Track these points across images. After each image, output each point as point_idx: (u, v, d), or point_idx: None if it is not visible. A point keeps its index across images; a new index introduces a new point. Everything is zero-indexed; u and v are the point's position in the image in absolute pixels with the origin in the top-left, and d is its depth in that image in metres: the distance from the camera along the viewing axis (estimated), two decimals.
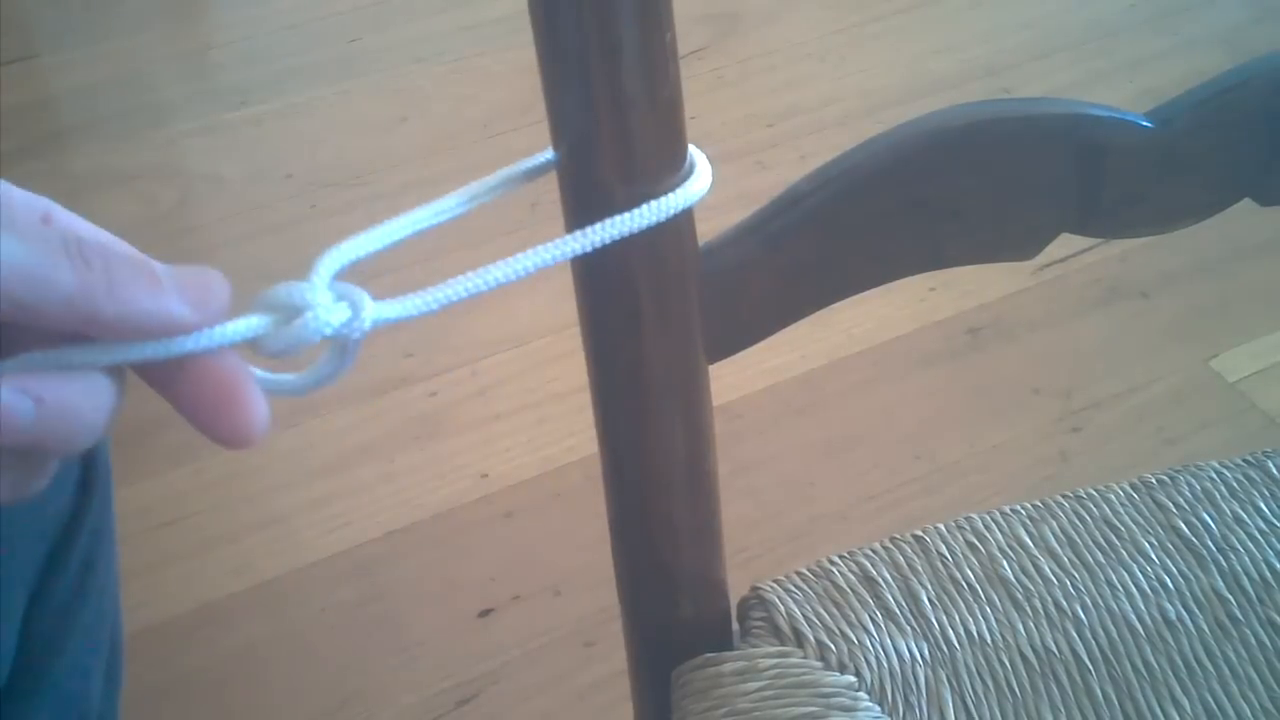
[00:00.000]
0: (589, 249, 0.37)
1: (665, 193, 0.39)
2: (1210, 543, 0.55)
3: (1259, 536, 0.55)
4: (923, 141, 0.45)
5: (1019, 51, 1.65)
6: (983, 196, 0.46)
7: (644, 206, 0.38)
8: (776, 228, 0.45)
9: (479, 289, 0.35)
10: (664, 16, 0.37)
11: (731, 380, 1.23)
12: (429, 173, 1.51)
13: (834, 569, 0.54)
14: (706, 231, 0.44)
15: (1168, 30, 1.66)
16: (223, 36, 1.81)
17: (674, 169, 0.40)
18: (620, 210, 0.38)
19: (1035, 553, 0.55)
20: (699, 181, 0.40)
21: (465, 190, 0.37)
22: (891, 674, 0.51)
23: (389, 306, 0.33)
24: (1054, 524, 0.56)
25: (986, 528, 0.56)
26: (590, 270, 0.43)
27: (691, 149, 0.41)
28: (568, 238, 0.37)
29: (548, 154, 0.40)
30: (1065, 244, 0.47)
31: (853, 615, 0.53)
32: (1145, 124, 0.46)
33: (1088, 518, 0.56)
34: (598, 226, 0.37)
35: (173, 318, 0.30)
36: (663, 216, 0.38)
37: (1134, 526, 0.55)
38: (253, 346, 0.32)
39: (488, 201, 0.38)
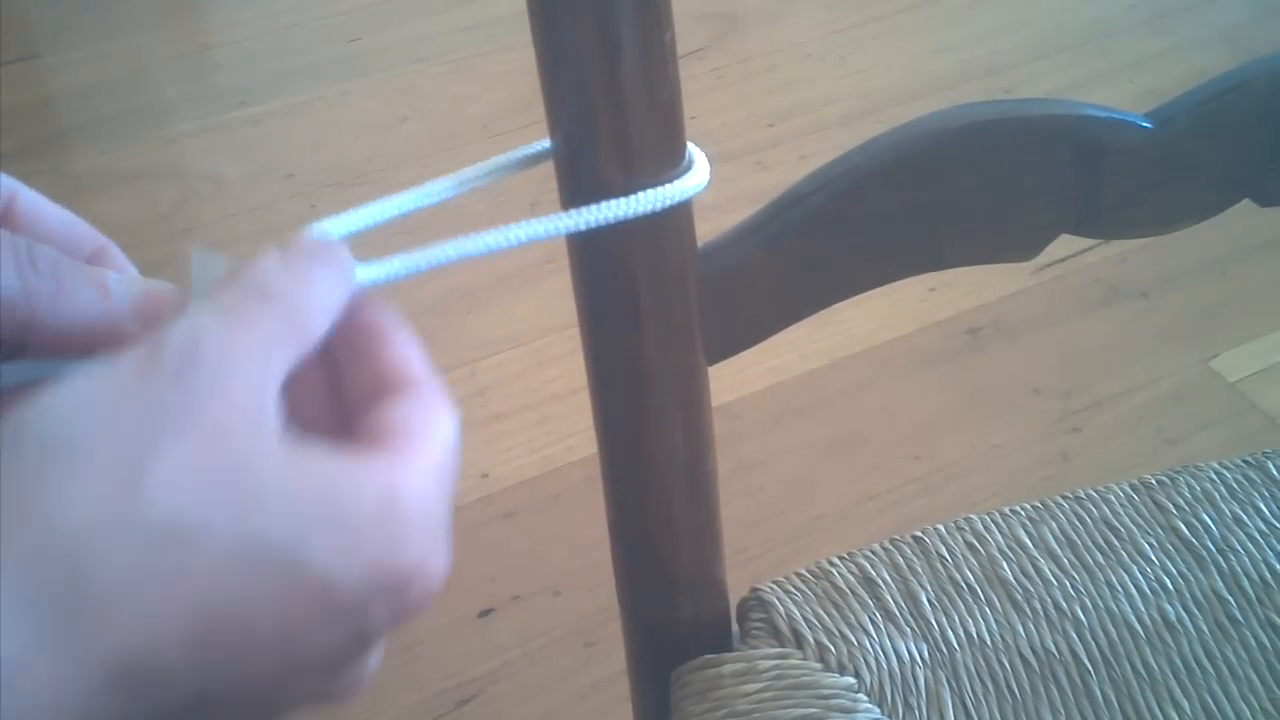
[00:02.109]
0: (580, 228, 0.37)
1: (662, 185, 0.39)
2: (1210, 544, 0.55)
3: (1259, 537, 0.55)
4: (923, 141, 0.45)
5: (1019, 51, 1.65)
6: (983, 196, 0.46)
7: (640, 194, 0.38)
8: (776, 228, 0.45)
9: (466, 253, 0.34)
10: (663, 16, 0.37)
11: (731, 380, 1.23)
12: (429, 173, 1.49)
13: (834, 570, 0.54)
14: (706, 231, 0.44)
15: (1168, 30, 1.65)
16: (222, 36, 1.81)
17: (672, 164, 0.40)
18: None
19: (1035, 554, 0.55)
20: (696, 176, 0.40)
21: (458, 175, 0.37)
22: (891, 675, 0.51)
23: (374, 268, 0.33)
24: (1054, 525, 0.56)
25: (986, 528, 0.56)
26: (590, 270, 0.43)
27: (690, 147, 0.41)
28: (560, 214, 0.37)
29: (544, 143, 0.40)
30: (1065, 244, 0.47)
31: (852, 616, 0.53)
32: (1145, 124, 0.46)
33: (1088, 518, 0.56)
34: (591, 208, 0.37)
35: (119, 331, 0.29)
36: (659, 206, 0.38)
37: (1134, 527, 0.55)
38: None
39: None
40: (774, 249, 0.45)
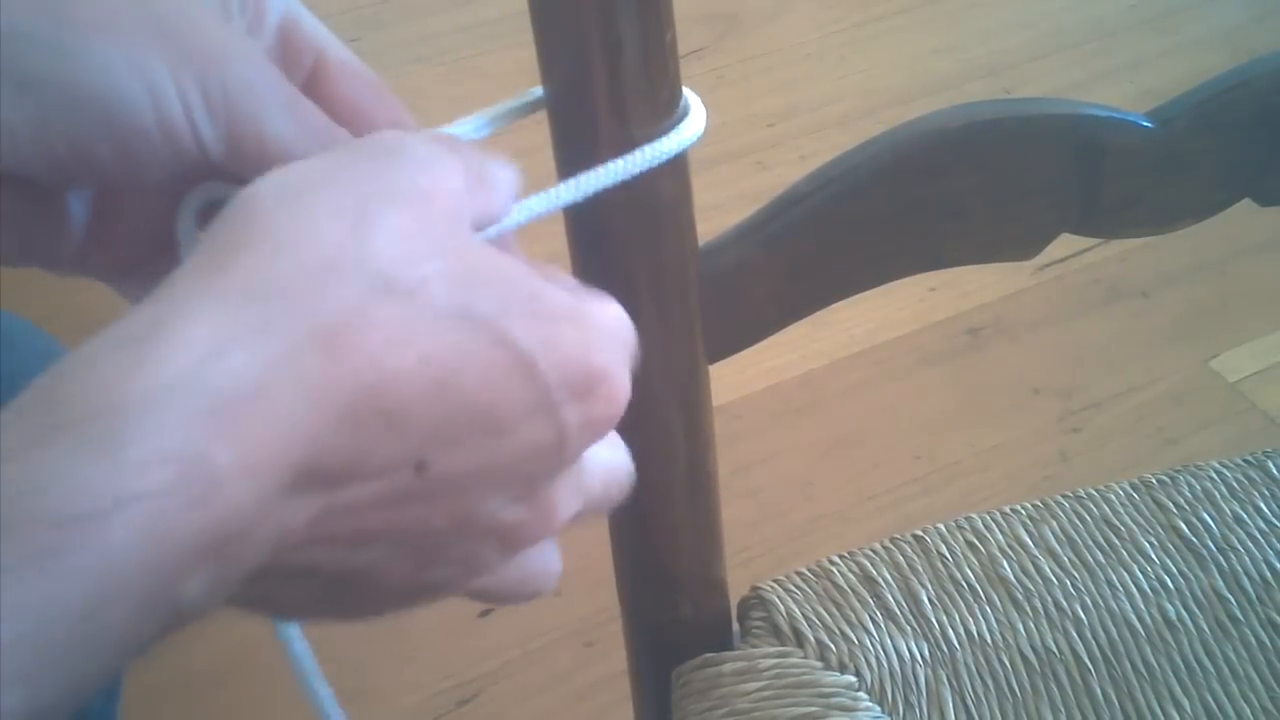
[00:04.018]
0: (622, 177, 0.36)
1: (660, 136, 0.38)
2: (1210, 543, 0.55)
3: (1259, 536, 0.55)
4: (923, 141, 0.45)
5: (1019, 51, 1.65)
6: (983, 196, 0.46)
7: (647, 147, 0.37)
8: (776, 228, 0.45)
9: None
10: (664, 16, 0.37)
11: (731, 380, 1.23)
12: None
13: (834, 569, 0.54)
14: (706, 231, 0.44)
15: (1168, 30, 1.65)
16: None
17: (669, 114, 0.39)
18: (610, 155, 0.37)
19: (1035, 553, 0.55)
20: (694, 122, 0.39)
21: (456, 126, 0.37)
22: (891, 674, 0.51)
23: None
24: (1054, 524, 0.56)
25: (986, 528, 0.56)
26: (590, 270, 0.43)
27: (687, 92, 0.40)
28: (600, 169, 0.36)
29: (536, 91, 0.39)
30: (1065, 244, 0.47)
31: (853, 615, 0.53)
32: (1145, 124, 0.46)
33: (1088, 518, 0.56)
34: (619, 162, 0.36)
35: None
36: (679, 148, 0.38)
37: (1134, 526, 0.55)
38: None
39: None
40: (774, 249, 0.45)
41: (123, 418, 0.23)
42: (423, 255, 0.27)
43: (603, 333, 0.30)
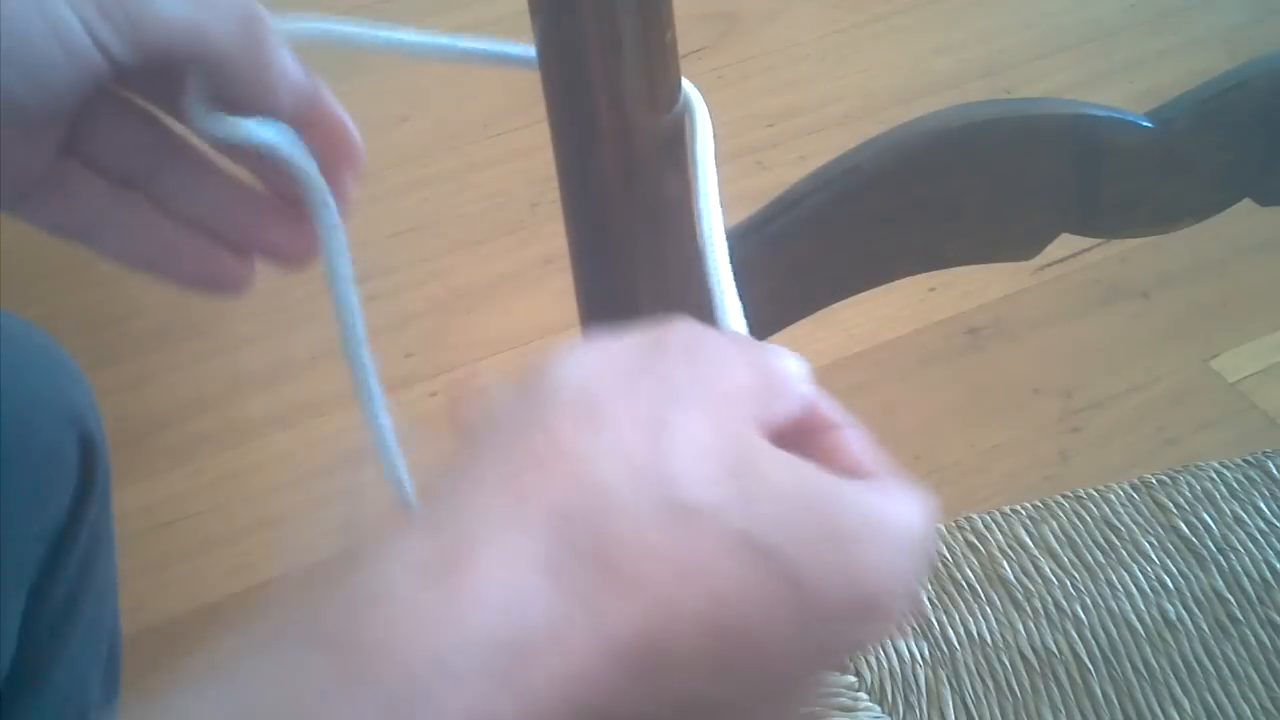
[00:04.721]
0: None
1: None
2: (1210, 543, 0.55)
3: (1259, 536, 0.55)
4: (923, 141, 0.45)
5: (1019, 51, 1.65)
6: (983, 196, 0.46)
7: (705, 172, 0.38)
8: (776, 228, 0.45)
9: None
10: (664, 15, 0.37)
11: None
12: (429, 172, 1.51)
13: None
14: None
15: (1168, 30, 1.65)
16: None
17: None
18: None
19: (1035, 553, 0.55)
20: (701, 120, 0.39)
21: (441, 38, 0.37)
22: (891, 674, 0.51)
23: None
24: (1054, 524, 0.56)
25: (986, 528, 0.56)
26: (590, 271, 0.43)
27: (688, 87, 0.40)
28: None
29: (529, 51, 0.39)
30: (1065, 244, 0.47)
31: None
32: (1145, 124, 0.46)
33: (1088, 518, 0.56)
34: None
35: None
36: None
37: (1134, 526, 0.55)
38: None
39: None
40: (774, 249, 0.45)
41: (421, 677, 0.22)
42: (717, 472, 0.26)
43: (892, 547, 0.28)
